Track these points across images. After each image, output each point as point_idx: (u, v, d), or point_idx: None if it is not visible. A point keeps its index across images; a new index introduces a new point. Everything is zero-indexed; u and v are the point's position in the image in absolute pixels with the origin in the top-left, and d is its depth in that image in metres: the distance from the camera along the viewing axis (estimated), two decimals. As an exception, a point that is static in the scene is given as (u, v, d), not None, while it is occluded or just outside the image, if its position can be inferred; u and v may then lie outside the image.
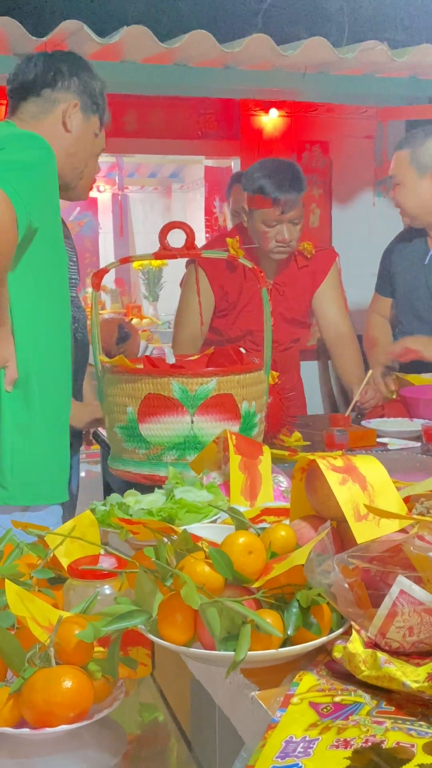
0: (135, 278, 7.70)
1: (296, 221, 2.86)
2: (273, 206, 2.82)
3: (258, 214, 2.86)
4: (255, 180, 2.86)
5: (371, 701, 0.90)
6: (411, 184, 2.92)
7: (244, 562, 1.03)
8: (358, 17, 6.98)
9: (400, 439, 2.45)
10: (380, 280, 3.28)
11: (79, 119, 2.10)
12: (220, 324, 3.03)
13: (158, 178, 7.90)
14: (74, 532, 1.33)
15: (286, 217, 2.84)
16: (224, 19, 5.71)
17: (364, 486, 1.17)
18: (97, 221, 7.85)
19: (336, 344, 3.13)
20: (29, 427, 1.88)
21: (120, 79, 3.63)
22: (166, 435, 1.90)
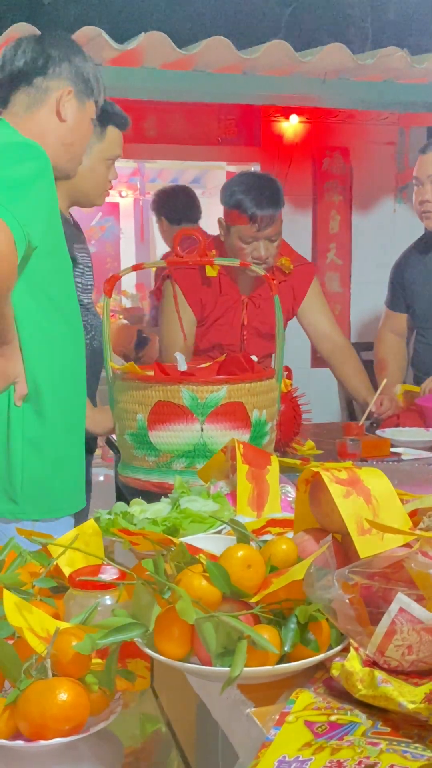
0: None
1: (274, 238, 2.80)
2: (250, 223, 2.76)
3: (234, 230, 2.80)
4: (233, 194, 2.79)
5: (367, 721, 0.88)
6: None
7: (242, 576, 1.01)
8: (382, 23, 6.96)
9: (415, 449, 2.42)
10: (392, 295, 3.21)
11: (74, 106, 1.98)
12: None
13: (180, 184, 7.90)
14: (77, 541, 1.32)
15: (263, 234, 2.77)
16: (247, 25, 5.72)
17: (368, 499, 1.15)
18: (119, 226, 7.86)
19: (334, 355, 3.08)
20: (41, 441, 1.86)
21: (140, 84, 3.63)
22: (175, 443, 1.89)
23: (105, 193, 2.49)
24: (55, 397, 1.87)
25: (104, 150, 2.41)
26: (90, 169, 2.38)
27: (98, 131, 2.37)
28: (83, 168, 2.31)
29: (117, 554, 1.56)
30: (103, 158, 2.41)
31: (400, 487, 1.38)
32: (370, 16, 7.04)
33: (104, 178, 2.44)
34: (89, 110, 2.03)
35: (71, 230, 2.40)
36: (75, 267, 2.38)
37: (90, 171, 2.39)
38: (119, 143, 2.47)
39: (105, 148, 2.41)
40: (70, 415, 1.94)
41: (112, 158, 2.44)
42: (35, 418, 1.84)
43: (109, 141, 2.42)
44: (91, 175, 2.40)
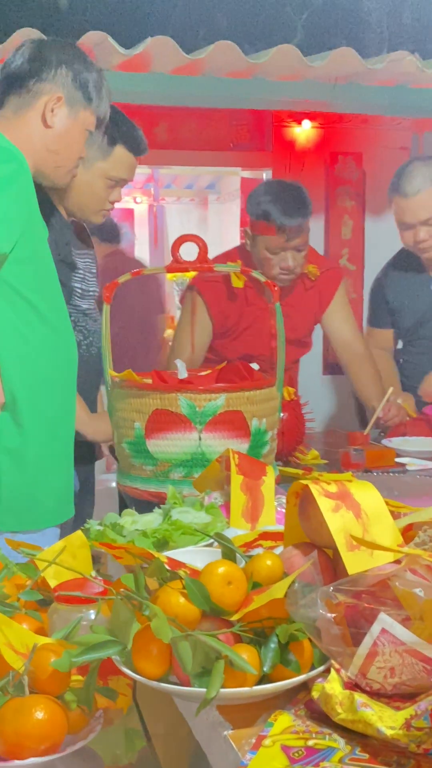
0: (169, 289, 7.70)
1: (301, 248, 2.76)
2: (278, 234, 2.71)
3: (261, 240, 2.75)
4: (259, 204, 2.74)
5: (345, 747, 0.85)
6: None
7: (222, 593, 0.98)
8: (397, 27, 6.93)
9: (421, 459, 2.38)
10: (375, 313, 3.18)
11: (63, 114, 1.92)
12: (218, 345, 2.95)
13: (194, 190, 7.90)
14: (65, 553, 1.30)
15: (291, 245, 2.73)
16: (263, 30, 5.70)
17: (358, 513, 1.12)
18: (134, 232, 7.87)
19: (352, 363, 3.05)
20: (21, 451, 1.82)
21: (149, 90, 3.61)
22: (173, 452, 1.86)
23: (102, 212, 2.39)
24: (33, 406, 1.83)
25: (106, 168, 2.32)
26: (87, 183, 2.31)
27: (103, 148, 2.30)
28: (80, 181, 2.27)
29: (109, 566, 1.53)
30: (103, 176, 2.32)
31: (401, 499, 1.34)
32: (386, 21, 7.01)
33: (101, 197, 2.35)
34: (83, 120, 1.98)
35: (70, 235, 2.37)
36: (74, 272, 2.35)
37: (87, 186, 2.31)
38: (128, 167, 2.37)
39: (108, 167, 2.32)
40: (52, 424, 1.88)
41: (114, 179, 2.34)
42: (14, 428, 1.81)
43: (114, 161, 2.32)
44: (87, 189, 2.32)
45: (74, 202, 2.35)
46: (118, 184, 2.37)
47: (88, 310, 2.41)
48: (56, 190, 2.28)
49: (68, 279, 2.33)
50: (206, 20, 6.03)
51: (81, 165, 2.26)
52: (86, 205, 2.35)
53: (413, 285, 3.03)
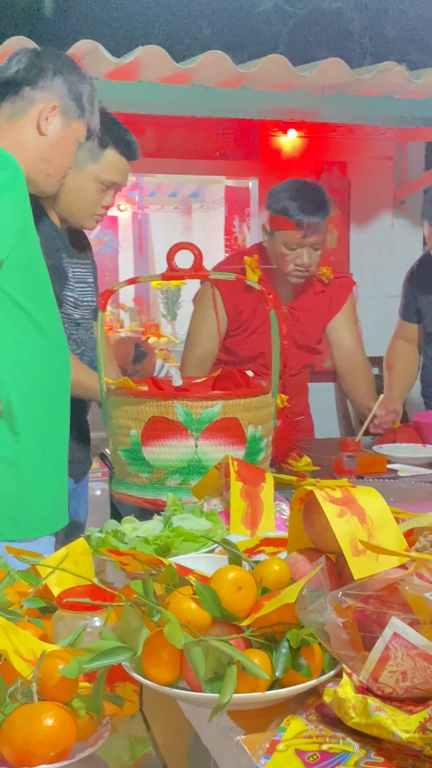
0: (154, 297, 7.70)
1: (317, 246, 2.80)
2: (296, 229, 2.75)
3: (279, 236, 2.80)
4: (279, 200, 2.79)
5: (360, 751, 0.85)
6: None
7: (232, 599, 0.99)
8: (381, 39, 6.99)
9: (412, 466, 2.40)
10: (405, 305, 3.18)
11: (57, 123, 1.93)
12: (232, 343, 2.98)
13: (179, 198, 7.90)
14: (67, 560, 1.30)
15: (308, 241, 2.77)
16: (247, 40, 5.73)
17: (362, 519, 1.13)
18: (117, 240, 7.87)
19: (350, 372, 3.07)
20: (17, 460, 1.81)
21: (137, 98, 3.62)
22: (169, 459, 1.86)
23: (95, 217, 2.39)
24: (29, 414, 1.82)
25: (98, 172, 2.31)
26: (78, 188, 2.30)
27: (94, 151, 2.30)
28: (71, 186, 2.27)
29: (108, 573, 1.53)
30: (94, 180, 2.32)
31: (397, 504, 1.35)
32: (369, 32, 7.07)
33: (93, 201, 2.34)
34: (75, 130, 1.98)
35: (62, 243, 2.36)
36: (66, 281, 2.34)
37: (78, 190, 2.31)
38: (120, 170, 2.36)
39: (99, 170, 2.31)
40: (47, 431, 1.88)
41: (106, 183, 2.34)
42: (9, 436, 1.80)
43: (105, 164, 2.32)
44: (78, 194, 2.31)
45: (66, 207, 2.34)
46: (111, 188, 2.36)
47: (80, 319, 2.40)
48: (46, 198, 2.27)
49: (59, 287, 2.32)
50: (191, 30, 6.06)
51: (72, 169, 2.26)
52: (78, 209, 2.34)
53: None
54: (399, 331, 3.20)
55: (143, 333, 6.79)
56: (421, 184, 4.94)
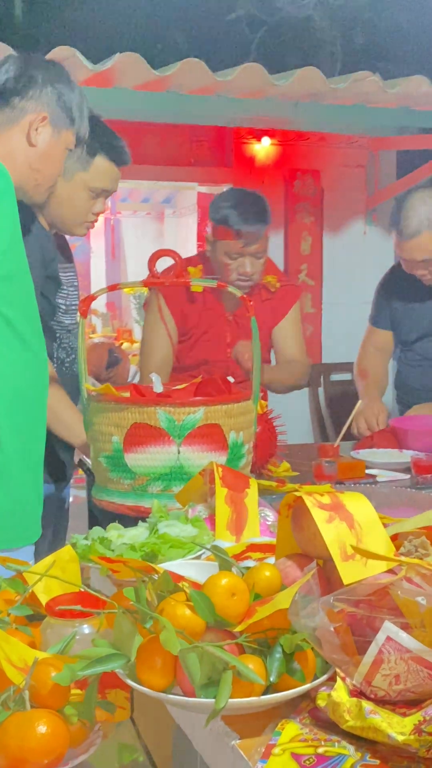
0: (126, 302, 7.69)
1: (259, 255, 2.80)
2: (236, 238, 2.75)
3: (221, 245, 2.80)
4: (220, 210, 2.79)
5: (355, 753, 0.86)
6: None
7: (226, 605, 1.00)
8: (351, 48, 7.05)
9: (390, 471, 2.42)
10: (377, 313, 3.18)
11: (47, 133, 1.92)
12: (178, 350, 2.96)
13: (151, 204, 7.90)
14: (54, 568, 1.30)
15: (249, 250, 2.77)
16: (218, 48, 5.76)
17: (351, 524, 1.14)
18: (89, 245, 7.85)
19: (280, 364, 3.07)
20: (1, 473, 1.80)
21: (112, 105, 3.62)
22: (151, 465, 1.86)
23: (86, 224, 2.38)
24: (11, 425, 1.80)
25: (87, 179, 2.30)
26: (68, 196, 2.30)
27: (84, 159, 2.29)
28: (61, 193, 2.27)
29: (93, 580, 1.53)
30: (84, 187, 2.31)
31: (378, 510, 1.37)
32: (339, 41, 7.13)
33: (84, 208, 2.33)
34: (65, 140, 1.98)
35: (55, 251, 2.36)
36: (59, 288, 2.34)
37: (68, 198, 2.31)
38: (110, 177, 2.35)
39: (89, 177, 2.30)
40: (27, 442, 1.87)
41: (96, 190, 2.32)
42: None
43: (95, 171, 2.31)
44: (68, 201, 2.31)
45: (56, 214, 2.33)
46: (101, 195, 2.35)
47: (71, 325, 2.40)
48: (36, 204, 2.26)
49: (54, 295, 2.32)
50: (164, 37, 6.07)
51: (61, 177, 2.25)
52: (68, 217, 2.34)
53: (416, 296, 3.02)
54: (369, 338, 3.20)
55: (116, 338, 6.78)
56: (392, 192, 5.00)
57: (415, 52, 6.33)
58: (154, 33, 5.36)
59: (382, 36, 6.70)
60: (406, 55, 5.93)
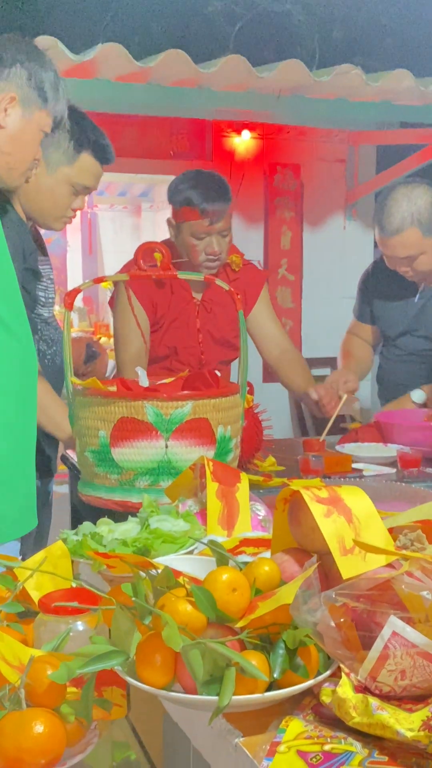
0: (103, 297, 7.64)
1: (225, 233, 2.78)
2: (201, 217, 2.72)
3: (186, 227, 2.77)
4: (180, 192, 2.77)
5: (363, 750, 0.85)
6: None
7: (227, 601, 0.98)
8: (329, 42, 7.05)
9: (376, 465, 2.42)
10: (360, 307, 3.18)
11: (17, 114, 1.85)
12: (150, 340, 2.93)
13: (128, 197, 7.86)
14: (45, 564, 1.27)
15: (215, 228, 2.75)
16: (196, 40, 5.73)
17: (349, 518, 1.13)
18: (65, 239, 7.79)
19: (282, 360, 3.04)
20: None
21: (92, 96, 3.59)
22: (139, 460, 1.84)
23: (64, 219, 2.37)
24: (3, 420, 1.79)
25: (71, 175, 2.29)
26: (49, 188, 2.29)
27: (69, 153, 2.28)
28: (42, 185, 2.25)
29: (83, 576, 1.51)
30: (67, 181, 2.29)
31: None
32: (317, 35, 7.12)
33: (64, 203, 2.32)
34: (38, 121, 1.91)
35: (32, 243, 2.33)
36: (39, 281, 2.31)
37: (49, 190, 2.29)
38: (93, 175, 2.35)
39: (73, 173, 2.29)
40: (14, 434, 1.84)
41: (78, 186, 2.31)
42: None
43: (79, 168, 2.30)
44: (49, 194, 2.29)
45: (35, 207, 2.31)
46: (82, 192, 2.34)
47: (49, 318, 2.38)
48: (14, 193, 2.22)
49: (33, 288, 2.29)
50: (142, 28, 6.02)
51: (45, 169, 2.23)
52: (48, 210, 2.32)
53: (398, 292, 3.02)
54: (353, 329, 3.22)
55: (93, 333, 6.74)
56: (372, 187, 5.00)
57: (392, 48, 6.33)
58: (133, 24, 5.31)
59: (359, 31, 6.70)
60: (387, 50, 5.93)
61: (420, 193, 2.77)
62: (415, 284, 2.96)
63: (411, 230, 2.75)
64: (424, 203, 2.75)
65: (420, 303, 2.96)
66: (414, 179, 2.92)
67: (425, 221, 2.74)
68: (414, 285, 2.96)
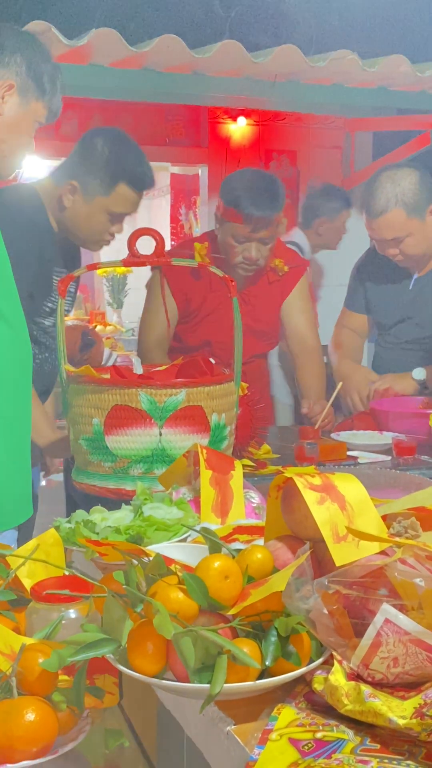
0: (99, 285, 7.61)
1: (267, 241, 2.74)
2: (245, 223, 2.69)
3: (228, 227, 2.74)
4: (231, 191, 2.73)
5: (355, 738, 0.85)
6: (419, 231, 2.78)
7: (219, 588, 0.97)
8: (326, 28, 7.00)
9: (370, 452, 2.42)
10: (351, 297, 3.16)
11: (14, 103, 1.86)
12: (180, 330, 2.93)
13: (123, 185, 7.82)
14: (38, 551, 1.27)
15: (257, 236, 2.71)
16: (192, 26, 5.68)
17: (343, 505, 1.12)
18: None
19: (301, 356, 3.04)
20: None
21: (87, 82, 3.56)
22: (133, 448, 1.83)
23: (102, 242, 2.44)
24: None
25: (108, 204, 2.35)
26: (86, 216, 2.36)
27: (106, 184, 2.33)
28: (79, 212, 2.34)
29: (76, 564, 1.50)
30: (103, 210, 2.36)
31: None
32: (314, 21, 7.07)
33: (101, 229, 2.39)
34: (34, 111, 1.92)
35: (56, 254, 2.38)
36: (50, 293, 2.33)
37: (86, 218, 2.36)
38: (131, 202, 2.40)
39: (109, 203, 2.35)
40: (9, 422, 1.83)
41: (115, 214, 2.38)
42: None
43: (116, 197, 2.35)
44: (86, 222, 2.37)
45: (72, 230, 2.40)
46: (119, 219, 2.41)
47: (49, 327, 2.37)
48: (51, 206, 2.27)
49: (42, 297, 2.31)
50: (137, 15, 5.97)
51: (82, 196, 2.27)
52: (85, 235, 2.40)
53: (392, 280, 3.00)
54: (343, 321, 3.19)
55: (89, 321, 6.71)
56: (368, 174, 4.97)
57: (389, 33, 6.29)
58: (128, 9, 5.27)
59: (356, 17, 6.65)
60: (383, 35, 5.89)
61: (404, 174, 2.76)
62: (408, 270, 2.95)
63: (395, 211, 2.74)
64: (408, 184, 2.74)
65: (414, 291, 2.95)
66: (399, 163, 2.92)
67: (410, 202, 2.73)
68: (407, 271, 2.95)
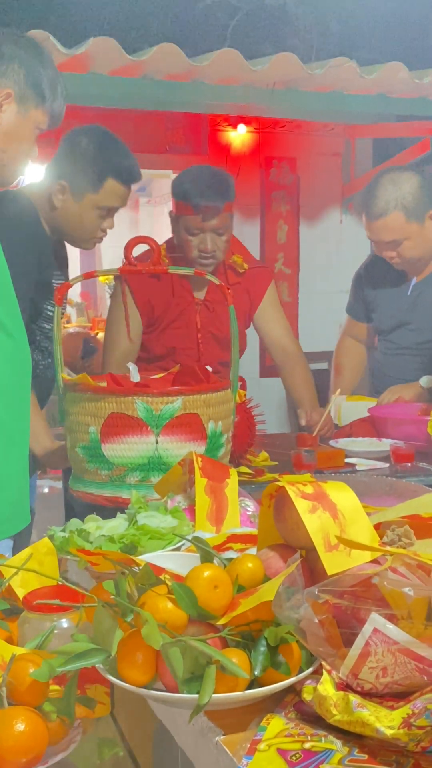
0: (101, 291, 7.62)
1: (220, 231, 2.74)
2: (194, 213, 2.71)
3: (182, 222, 2.76)
4: (180, 185, 2.77)
5: (343, 748, 0.84)
6: (417, 235, 2.79)
7: (209, 598, 0.97)
8: (327, 35, 7.02)
9: (369, 459, 2.41)
10: (354, 304, 3.17)
11: (12, 111, 1.85)
12: (146, 340, 2.90)
13: (125, 192, 7.83)
14: (31, 560, 1.27)
15: (209, 226, 2.72)
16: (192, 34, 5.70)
17: (335, 514, 1.12)
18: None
19: (284, 364, 3.03)
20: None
21: (86, 91, 3.57)
22: (129, 456, 1.83)
23: (94, 239, 2.48)
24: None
25: (97, 200, 2.40)
26: (77, 214, 2.40)
27: (94, 181, 2.38)
28: (70, 211, 2.38)
29: (71, 573, 1.51)
30: (94, 207, 2.40)
31: (359, 499, 1.35)
32: (315, 29, 7.09)
33: (93, 226, 2.43)
34: (34, 118, 1.91)
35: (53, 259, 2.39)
36: (50, 296, 2.33)
37: (77, 217, 2.40)
38: (120, 196, 2.45)
39: (99, 198, 2.40)
40: (8, 430, 1.83)
41: (105, 209, 2.42)
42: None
43: (105, 193, 2.40)
44: (77, 220, 2.41)
45: (64, 230, 2.43)
46: (110, 213, 2.44)
47: (50, 332, 2.38)
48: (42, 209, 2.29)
49: (43, 301, 2.32)
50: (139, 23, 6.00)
51: (71, 195, 2.29)
52: (78, 233, 2.44)
53: (390, 285, 3.00)
54: (347, 329, 3.21)
55: (91, 328, 6.72)
56: (368, 181, 4.98)
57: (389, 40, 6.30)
58: (128, 18, 5.29)
59: (357, 24, 6.67)
60: (382, 42, 5.90)
61: (405, 178, 2.77)
62: (406, 275, 2.95)
63: (395, 214, 2.75)
64: (409, 188, 2.75)
65: (413, 296, 2.96)
66: (401, 166, 2.93)
67: (410, 206, 2.74)
68: (405, 277, 2.96)
